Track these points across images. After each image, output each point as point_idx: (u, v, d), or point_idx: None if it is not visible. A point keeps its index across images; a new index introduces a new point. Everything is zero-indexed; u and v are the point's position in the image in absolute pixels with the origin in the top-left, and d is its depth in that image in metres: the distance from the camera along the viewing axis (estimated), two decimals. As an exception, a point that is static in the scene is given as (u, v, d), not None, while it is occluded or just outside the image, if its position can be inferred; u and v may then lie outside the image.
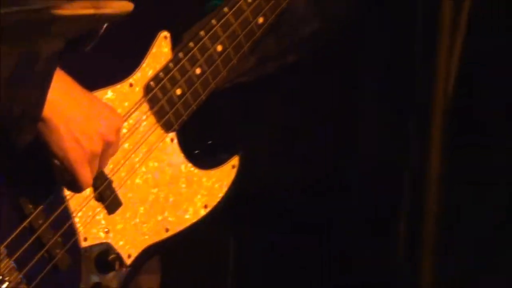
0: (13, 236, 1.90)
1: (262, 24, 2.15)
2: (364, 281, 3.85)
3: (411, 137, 1.30)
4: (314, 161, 4.50)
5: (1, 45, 1.54)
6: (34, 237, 1.91)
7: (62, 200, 1.96)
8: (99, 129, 1.91)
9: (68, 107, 1.89)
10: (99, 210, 2.00)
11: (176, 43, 2.08)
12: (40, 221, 1.91)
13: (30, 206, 1.92)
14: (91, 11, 1.46)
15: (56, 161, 1.89)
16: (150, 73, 2.05)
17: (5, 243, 1.89)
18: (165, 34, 2.07)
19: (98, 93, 2.00)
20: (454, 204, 3.94)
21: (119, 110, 2.03)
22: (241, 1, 2.12)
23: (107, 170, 2.01)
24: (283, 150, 4.43)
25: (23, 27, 1.52)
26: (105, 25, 2.07)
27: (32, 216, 1.91)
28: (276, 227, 4.36)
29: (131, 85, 2.02)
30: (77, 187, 1.90)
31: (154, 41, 2.07)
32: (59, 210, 1.95)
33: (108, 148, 1.92)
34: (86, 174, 1.89)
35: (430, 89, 1.19)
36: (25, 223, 1.90)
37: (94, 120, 1.91)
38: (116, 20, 1.69)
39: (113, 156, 1.99)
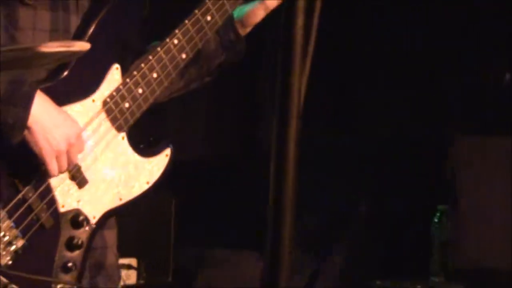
0: (11, 204, 1.97)
1: (185, 58, 2.15)
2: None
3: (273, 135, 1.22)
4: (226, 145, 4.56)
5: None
6: (26, 204, 1.97)
7: (45, 179, 2.01)
8: (64, 135, 1.97)
9: (43, 119, 1.96)
10: (72, 186, 2.05)
11: (124, 72, 2.12)
12: (30, 194, 1.98)
13: (22, 184, 1.99)
14: (62, 49, 1.52)
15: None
16: (107, 93, 2.08)
17: (6, 209, 1.96)
18: (116, 66, 2.10)
19: (71, 106, 2.05)
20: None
21: (85, 118, 2.07)
22: (169, 43, 2.13)
23: (78, 160, 2.05)
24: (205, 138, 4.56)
25: (13, 61, 1.57)
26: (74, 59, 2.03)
27: (24, 191, 1.98)
28: (206, 192, 4.47)
29: (93, 100, 2.07)
30: (48, 174, 1.98)
31: (109, 71, 2.10)
32: (43, 187, 2.01)
33: (71, 148, 1.98)
34: (53, 165, 1.96)
35: (286, 98, 1.18)
36: (19, 196, 1.97)
37: (60, 128, 1.97)
38: (79, 55, 1.73)
39: (79, 153, 2.02)
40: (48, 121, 1.97)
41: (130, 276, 3.43)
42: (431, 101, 5.01)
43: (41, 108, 1.96)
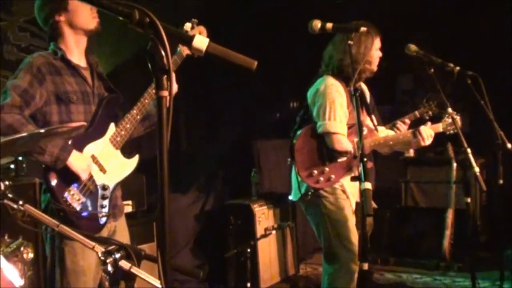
0: (80, 187, 1.92)
1: (139, 118, 2.01)
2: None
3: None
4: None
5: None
6: (83, 183, 1.92)
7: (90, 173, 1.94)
8: (84, 163, 1.90)
9: (75, 157, 1.88)
10: (101, 173, 1.97)
11: (116, 126, 2.01)
12: (88, 181, 1.93)
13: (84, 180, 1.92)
14: (65, 129, 1.46)
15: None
16: (110, 135, 2.00)
17: (79, 189, 1.91)
18: (113, 124, 2.02)
19: (96, 141, 1.95)
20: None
21: (102, 145, 1.95)
22: (132, 112, 2.00)
23: (102, 162, 1.95)
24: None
25: (57, 134, 1.48)
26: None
27: (85, 181, 1.93)
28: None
29: (104, 139, 1.99)
30: (81, 180, 1.90)
31: (110, 126, 2.01)
32: (90, 175, 1.94)
33: (87, 167, 1.90)
34: (83, 176, 1.90)
35: (161, 145, 0.89)
36: (82, 183, 1.92)
37: (83, 161, 1.90)
38: (81, 129, 1.85)
39: (89, 170, 1.90)
40: (77, 159, 1.88)
41: (128, 208, 3.29)
42: (249, 122, 4.98)
43: (74, 154, 1.88)
